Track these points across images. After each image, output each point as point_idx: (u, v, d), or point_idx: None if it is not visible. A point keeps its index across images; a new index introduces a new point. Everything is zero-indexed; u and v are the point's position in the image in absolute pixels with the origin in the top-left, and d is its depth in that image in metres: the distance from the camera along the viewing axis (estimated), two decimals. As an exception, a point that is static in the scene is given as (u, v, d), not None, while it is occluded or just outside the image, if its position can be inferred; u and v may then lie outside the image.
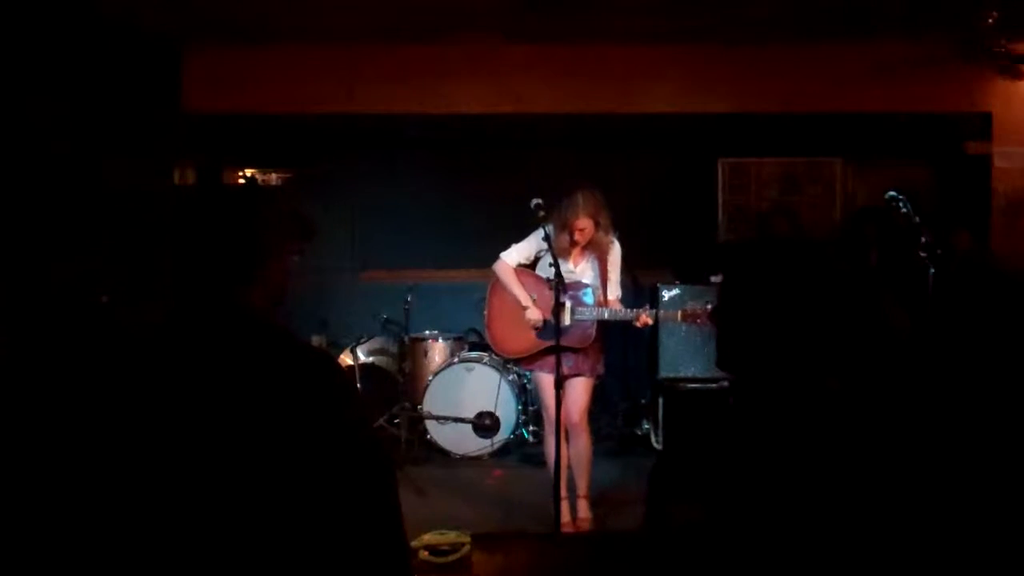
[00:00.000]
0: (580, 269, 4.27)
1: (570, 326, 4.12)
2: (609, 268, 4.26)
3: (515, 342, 4.36)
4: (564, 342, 3.99)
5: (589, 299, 4.19)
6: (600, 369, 4.31)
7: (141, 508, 1.43)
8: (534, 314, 4.25)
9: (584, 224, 4.14)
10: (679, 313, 4.22)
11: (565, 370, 4.05)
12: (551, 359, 4.01)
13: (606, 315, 4.14)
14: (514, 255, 4.37)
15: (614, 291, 4.26)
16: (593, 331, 4.17)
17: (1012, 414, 4.10)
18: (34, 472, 1.49)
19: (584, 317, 4.15)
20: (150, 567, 1.43)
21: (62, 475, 1.47)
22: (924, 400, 4.40)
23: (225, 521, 1.41)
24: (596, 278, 4.25)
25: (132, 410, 1.45)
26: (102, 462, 1.45)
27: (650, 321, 4.13)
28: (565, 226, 4.13)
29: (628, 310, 4.16)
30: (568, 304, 4.10)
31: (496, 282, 4.44)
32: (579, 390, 4.23)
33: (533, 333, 4.28)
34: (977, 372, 4.46)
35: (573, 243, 4.20)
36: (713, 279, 5.53)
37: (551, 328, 3.98)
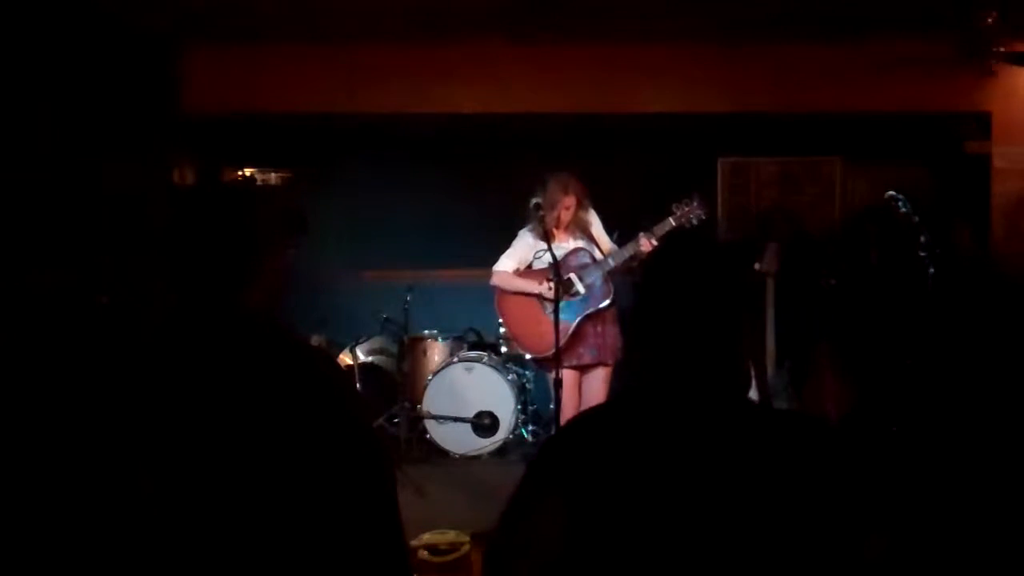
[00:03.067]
0: (571, 245, 4.33)
1: (587, 293, 4.18)
2: (596, 236, 4.37)
3: (545, 338, 4.33)
4: (591, 307, 4.17)
5: (589, 258, 4.25)
6: (621, 353, 4.31)
7: (140, 509, 1.43)
8: (552, 291, 4.22)
9: (570, 202, 4.27)
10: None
11: (588, 359, 4.14)
12: (575, 349, 4.17)
13: (611, 262, 4.21)
14: (507, 262, 4.40)
15: (609, 246, 4.35)
16: (611, 287, 4.23)
17: (1012, 412, 4.11)
18: (32, 473, 1.49)
19: (594, 275, 4.21)
20: (148, 568, 1.43)
21: (61, 475, 1.47)
22: (927, 398, 4.41)
23: (223, 521, 1.41)
24: (588, 243, 4.34)
25: (132, 410, 1.45)
26: (101, 462, 1.45)
27: (654, 241, 4.15)
28: (554, 205, 4.20)
29: (627, 245, 4.20)
30: (573, 276, 4.18)
31: (501, 294, 4.45)
32: (600, 383, 4.27)
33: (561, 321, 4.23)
34: (977, 371, 4.46)
35: (558, 222, 4.26)
36: None
37: (573, 304, 4.13)
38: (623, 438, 1.40)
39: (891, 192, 4.52)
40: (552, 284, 4.06)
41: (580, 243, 4.32)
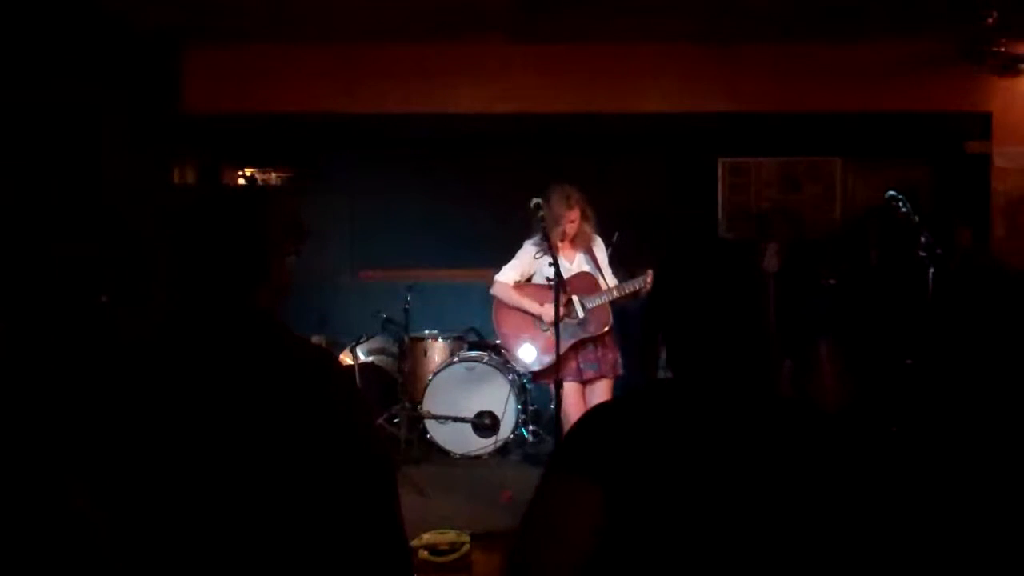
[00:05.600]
0: (576, 263, 4.32)
1: (586, 317, 4.18)
2: (599, 259, 4.34)
3: (538, 354, 4.39)
4: (586, 332, 4.16)
5: (595, 285, 4.25)
6: (619, 368, 4.33)
7: (144, 506, 1.43)
8: (550, 313, 4.22)
9: (575, 215, 4.27)
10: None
11: (590, 374, 4.16)
12: (573, 364, 4.17)
13: (615, 294, 4.21)
14: (509, 273, 4.40)
15: (612, 279, 4.33)
16: (609, 315, 4.23)
17: (1012, 411, 4.11)
18: (36, 470, 1.49)
19: (595, 302, 4.21)
20: (152, 566, 1.43)
21: (64, 474, 1.47)
22: (927, 397, 4.41)
23: (227, 519, 1.41)
24: (594, 269, 4.31)
25: (136, 409, 1.45)
26: (104, 461, 1.45)
27: None
28: (559, 220, 4.20)
29: (631, 280, 4.20)
30: (576, 297, 4.18)
31: (500, 305, 4.45)
32: (603, 393, 4.27)
33: (553, 339, 4.25)
34: (978, 370, 4.46)
35: (563, 235, 4.26)
36: None
37: (569, 327, 4.12)
38: (650, 421, 1.41)
39: (891, 192, 4.52)
40: (552, 305, 4.05)
41: (586, 267, 4.32)
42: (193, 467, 1.42)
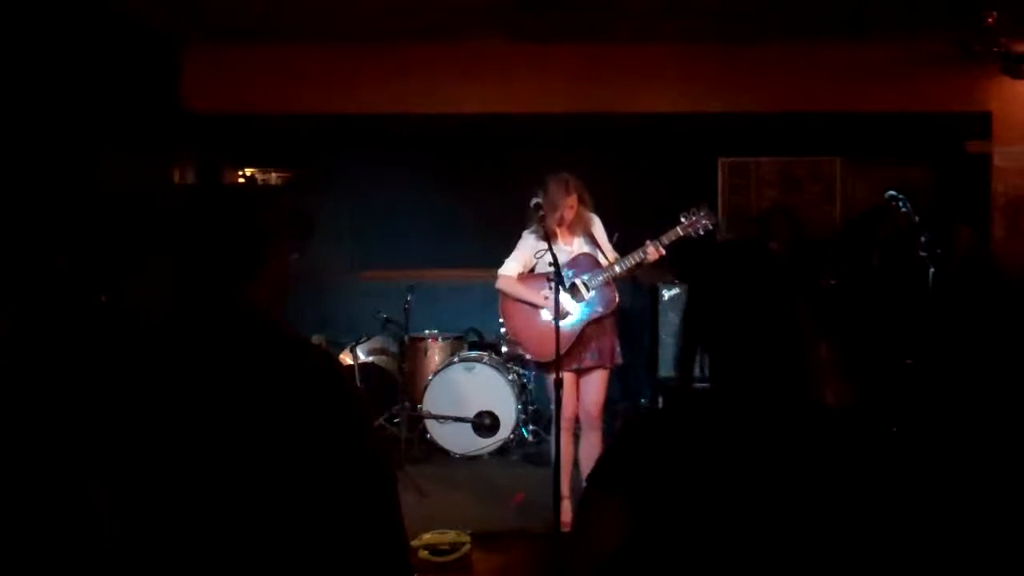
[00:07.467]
0: (576, 245, 4.33)
1: (591, 299, 4.20)
2: (598, 239, 4.37)
3: (547, 343, 4.35)
4: (595, 314, 4.17)
5: (594, 263, 4.26)
6: (619, 357, 4.32)
7: (142, 507, 1.43)
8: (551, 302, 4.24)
9: (573, 201, 4.27)
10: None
11: (588, 362, 4.16)
12: (577, 352, 4.17)
13: (617, 269, 4.21)
14: (512, 265, 4.40)
15: (612, 253, 4.34)
16: (615, 293, 4.24)
17: (1012, 411, 4.11)
18: (36, 470, 1.49)
19: (599, 280, 4.22)
20: (150, 566, 1.43)
21: (63, 474, 1.47)
22: (927, 397, 4.41)
23: (225, 519, 1.41)
24: (594, 249, 4.33)
25: (134, 408, 1.45)
26: (103, 461, 1.45)
27: (662, 251, 4.16)
28: (557, 206, 4.21)
29: (631, 254, 4.20)
30: (578, 281, 4.20)
31: (505, 299, 4.45)
32: (598, 383, 4.28)
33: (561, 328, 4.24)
34: (977, 370, 4.46)
35: (562, 222, 4.27)
36: None
37: (581, 308, 4.16)
38: (686, 438, 1.41)
39: (891, 192, 4.52)
40: (552, 291, 4.05)
41: (585, 248, 4.33)
42: (191, 468, 1.41)
